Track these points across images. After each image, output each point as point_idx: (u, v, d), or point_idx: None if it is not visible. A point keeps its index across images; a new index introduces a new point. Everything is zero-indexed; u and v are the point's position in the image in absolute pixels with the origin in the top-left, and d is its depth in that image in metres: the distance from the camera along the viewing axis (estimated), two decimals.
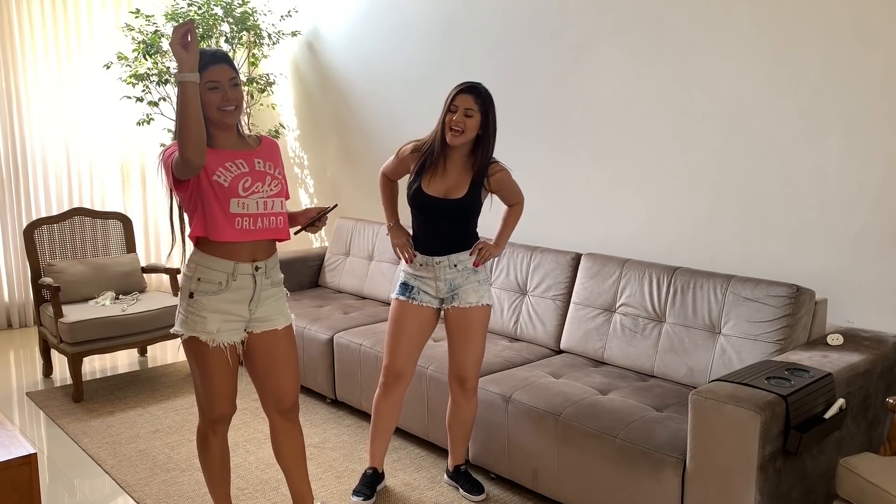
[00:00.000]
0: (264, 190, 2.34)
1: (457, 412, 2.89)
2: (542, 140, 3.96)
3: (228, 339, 2.36)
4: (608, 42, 3.60)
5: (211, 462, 2.53)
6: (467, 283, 2.77)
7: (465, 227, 2.78)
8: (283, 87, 5.75)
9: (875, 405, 2.67)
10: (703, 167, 3.32)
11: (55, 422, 3.75)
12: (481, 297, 2.78)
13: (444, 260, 2.75)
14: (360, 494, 2.90)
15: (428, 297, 2.79)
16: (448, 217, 2.74)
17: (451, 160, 2.72)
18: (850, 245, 2.92)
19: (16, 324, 5.57)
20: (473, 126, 2.63)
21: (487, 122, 2.65)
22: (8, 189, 5.46)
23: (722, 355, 2.88)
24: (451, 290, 2.78)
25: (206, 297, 2.31)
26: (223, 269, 2.31)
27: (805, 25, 2.94)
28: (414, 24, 4.59)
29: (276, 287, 2.45)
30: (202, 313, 2.32)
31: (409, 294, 2.79)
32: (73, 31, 5.58)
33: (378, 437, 2.92)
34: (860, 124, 2.84)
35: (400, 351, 2.80)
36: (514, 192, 2.84)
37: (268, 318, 2.42)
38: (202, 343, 2.33)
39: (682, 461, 2.37)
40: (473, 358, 2.81)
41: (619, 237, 3.67)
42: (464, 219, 2.76)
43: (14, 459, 2.12)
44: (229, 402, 2.44)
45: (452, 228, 2.76)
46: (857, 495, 2.10)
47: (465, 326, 2.78)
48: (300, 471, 2.60)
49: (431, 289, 2.79)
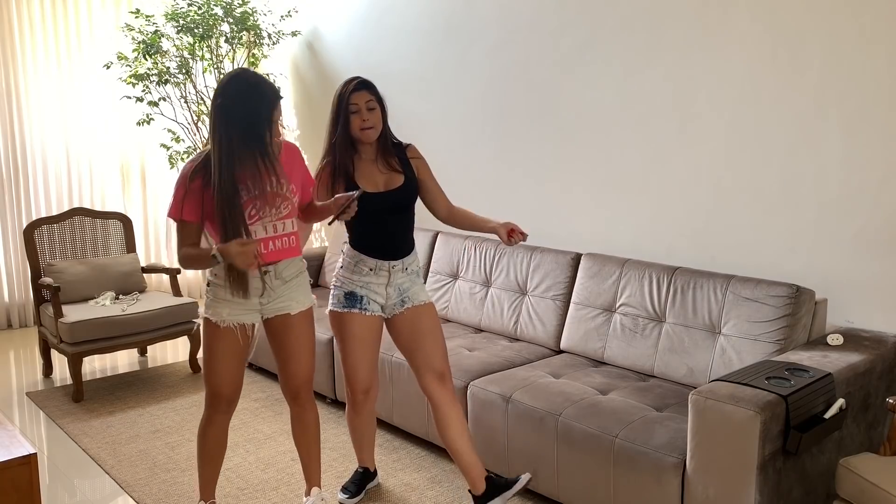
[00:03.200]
0: (272, 214, 2.41)
1: (446, 420, 2.66)
2: (542, 140, 3.96)
3: (238, 320, 2.47)
4: (608, 42, 3.60)
5: (204, 445, 2.61)
6: (414, 285, 2.72)
7: (409, 222, 2.71)
8: (283, 87, 5.75)
9: (875, 405, 2.67)
10: (703, 167, 3.32)
11: (55, 422, 3.75)
12: (428, 296, 2.75)
13: (399, 263, 2.67)
14: (346, 492, 2.92)
15: (376, 305, 2.68)
16: (398, 209, 2.65)
17: (363, 160, 2.65)
18: (850, 245, 2.92)
19: (16, 324, 5.57)
20: (379, 118, 2.61)
21: (384, 109, 2.64)
22: (8, 189, 5.46)
23: (722, 355, 2.88)
24: (399, 295, 2.69)
25: (220, 288, 2.46)
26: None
27: (805, 25, 2.94)
28: (414, 24, 4.59)
29: (291, 280, 2.52)
30: (216, 300, 2.47)
31: (360, 304, 2.65)
32: (73, 31, 5.58)
33: (360, 445, 2.94)
34: (860, 124, 2.84)
35: (363, 367, 2.71)
36: (435, 183, 2.78)
37: (280, 305, 2.52)
38: (213, 324, 2.47)
39: (682, 461, 2.37)
40: (444, 350, 2.72)
41: (619, 237, 3.67)
42: (409, 208, 2.69)
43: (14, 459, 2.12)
44: (229, 382, 2.51)
45: (401, 225, 2.67)
46: (857, 495, 2.10)
47: (427, 322, 2.70)
48: (309, 451, 2.70)
49: (381, 296, 2.67)
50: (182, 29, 5.15)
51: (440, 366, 2.70)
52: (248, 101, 2.28)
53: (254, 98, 2.28)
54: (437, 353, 2.71)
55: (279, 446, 3.42)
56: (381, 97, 2.63)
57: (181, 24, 5.14)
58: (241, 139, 2.28)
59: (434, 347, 2.70)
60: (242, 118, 2.28)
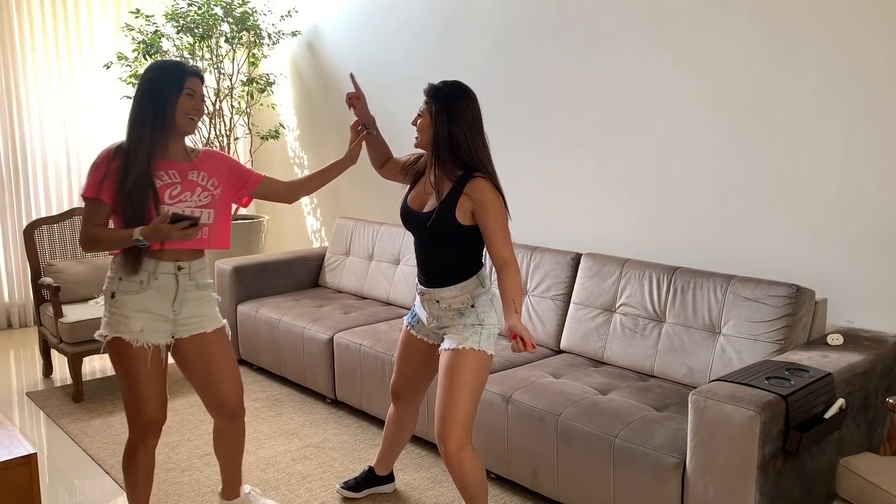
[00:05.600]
0: (192, 200, 2.38)
1: (452, 477, 2.44)
2: (542, 140, 3.96)
3: (153, 339, 2.36)
4: (608, 41, 3.60)
5: (135, 474, 2.48)
6: (452, 325, 2.42)
7: (447, 254, 2.41)
8: (283, 87, 5.75)
9: (875, 405, 2.67)
10: (703, 167, 3.32)
11: (55, 422, 3.75)
12: (465, 340, 2.35)
13: (429, 294, 2.46)
14: (346, 486, 2.92)
15: (425, 328, 2.58)
16: (421, 235, 2.44)
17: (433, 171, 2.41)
18: (850, 245, 2.92)
19: (16, 324, 5.57)
20: (424, 126, 2.38)
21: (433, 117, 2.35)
22: (8, 189, 5.46)
23: (722, 355, 2.88)
24: (439, 328, 2.50)
25: (128, 296, 2.34)
26: (145, 269, 2.35)
27: (805, 25, 2.94)
28: (414, 23, 4.59)
29: (203, 290, 2.46)
30: (125, 312, 2.33)
31: (412, 321, 2.64)
32: (73, 31, 5.58)
33: (385, 449, 2.91)
34: (860, 124, 2.84)
35: (400, 376, 2.72)
36: (495, 231, 2.30)
37: (194, 322, 2.44)
38: (125, 343, 2.33)
39: (682, 461, 2.37)
40: (451, 414, 2.32)
41: (619, 237, 3.67)
42: (436, 240, 2.40)
43: (14, 459, 2.12)
44: (157, 407, 2.40)
45: (435, 253, 2.43)
46: (857, 495, 2.10)
47: (445, 373, 2.36)
48: (235, 463, 2.72)
49: (426, 321, 2.55)
50: (182, 29, 5.15)
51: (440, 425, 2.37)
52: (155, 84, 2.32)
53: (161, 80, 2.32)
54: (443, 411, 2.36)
55: (279, 446, 3.42)
56: (436, 105, 2.34)
57: (181, 24, 5.14)
58: (153, 124, 2.30)
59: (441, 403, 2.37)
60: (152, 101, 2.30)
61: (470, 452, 2.38)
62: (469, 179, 2.33)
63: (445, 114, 2.32)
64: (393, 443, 2.87)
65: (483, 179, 2.33)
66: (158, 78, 2.33)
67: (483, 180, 2.33)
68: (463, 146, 2.33)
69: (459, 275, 2.41)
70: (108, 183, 2.30)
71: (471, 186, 2.32)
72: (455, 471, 2.38)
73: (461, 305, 2.42)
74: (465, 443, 2.36)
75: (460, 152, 2.34)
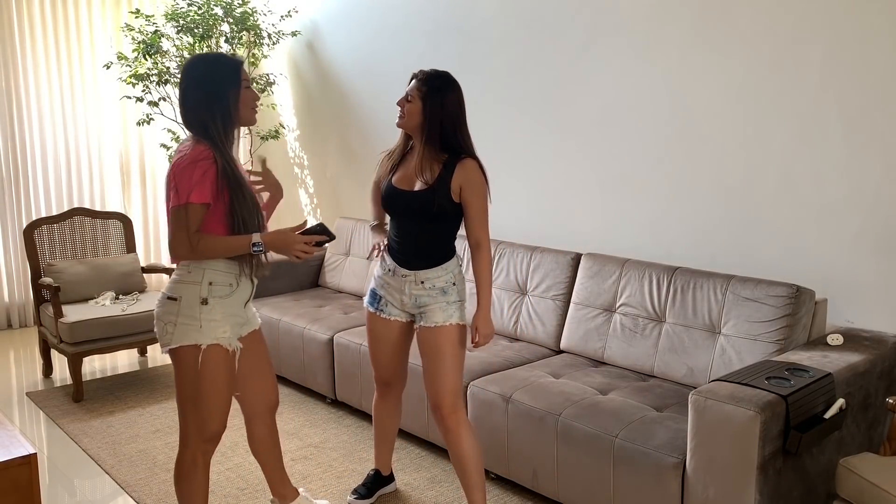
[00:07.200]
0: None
1: (450, 449, 2.59)
2: (542, 140, 3.96)
3: (234, 342, 2.31)
4: (608, 42, 3.60)
5: (198, 487, 2.35)
6: (434, 303, 2.52)
7: (434, 234, 2.52)
8: (283, 87, 5.75)
9: (875, 405, 2.67)
10: (703, 167, 3.32)
11: (55, 422, 3.75)
12: (450, 317, 2.51)
13: (412, 276, 2.53)
14: (355, 493, 2.90)
15: (396, 310, 2.61)
16: (409, 213, 2.52)
17: (413, 150, 2.54)
18: (849, 245, 2.92)
19: (16, 324, 5.57)
20: (414, 111, 2.46)
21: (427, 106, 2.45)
22: (8, 189, 5.46)
23: (722, 355, 2.88)
24: (417, 307, 2.56)
25: (220, 300, 2.25)
26: (231, 271, 2.28)
27: (805, 26, 2.94)
28: (414, 23, 4.59)
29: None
30: (216, 317, 2.23)
31: (378, 305, 2.64)
32: (73, 31, 5.58)
33: (379, 439, 2.91)
34: (860, 124, 2.84)
35: (381, 363, 2.72)
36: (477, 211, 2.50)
37: (250, 319, 2.44)
38: (222, 350, 2.24)
39: (682, 461, 2.37)
40: (444, 385, 2.52)
41: (619, 237, 3.67)
42: (425, 217, 2.50)
43: (14, 459, 2.12)
44: (227, 414, 2.34)
45: (421, 232, 2.52)
46: (857, 495, 2.10)
47: (432, 349, 2.52)
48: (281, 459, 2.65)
49: (398, 301, 2.59)
50: (182, 29, 5.15)
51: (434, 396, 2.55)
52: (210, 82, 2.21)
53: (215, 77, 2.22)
54: (436, 385, 2.53)
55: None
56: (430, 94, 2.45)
57: (181, 24, 5.14)
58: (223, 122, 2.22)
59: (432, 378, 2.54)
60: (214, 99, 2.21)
61: (464, 415, 2.58)
62: (459, 160, 2.49)
63: (440, 103, 2.46)
64: (385, 429, 2.87)
65: (472, 160, 2.51)
66: (211, 74, 2.21)
67: (473, 161, 2.51)
68: (451, 133, 2.49)
69: (445, 254, 2.56)
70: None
71: (462, 165, 2.48)
72: (452, 434, 2.54)
73: (444, 284, 2.55)
74: (459, 406, 2.56)
75: (448, 138, 2.49)
